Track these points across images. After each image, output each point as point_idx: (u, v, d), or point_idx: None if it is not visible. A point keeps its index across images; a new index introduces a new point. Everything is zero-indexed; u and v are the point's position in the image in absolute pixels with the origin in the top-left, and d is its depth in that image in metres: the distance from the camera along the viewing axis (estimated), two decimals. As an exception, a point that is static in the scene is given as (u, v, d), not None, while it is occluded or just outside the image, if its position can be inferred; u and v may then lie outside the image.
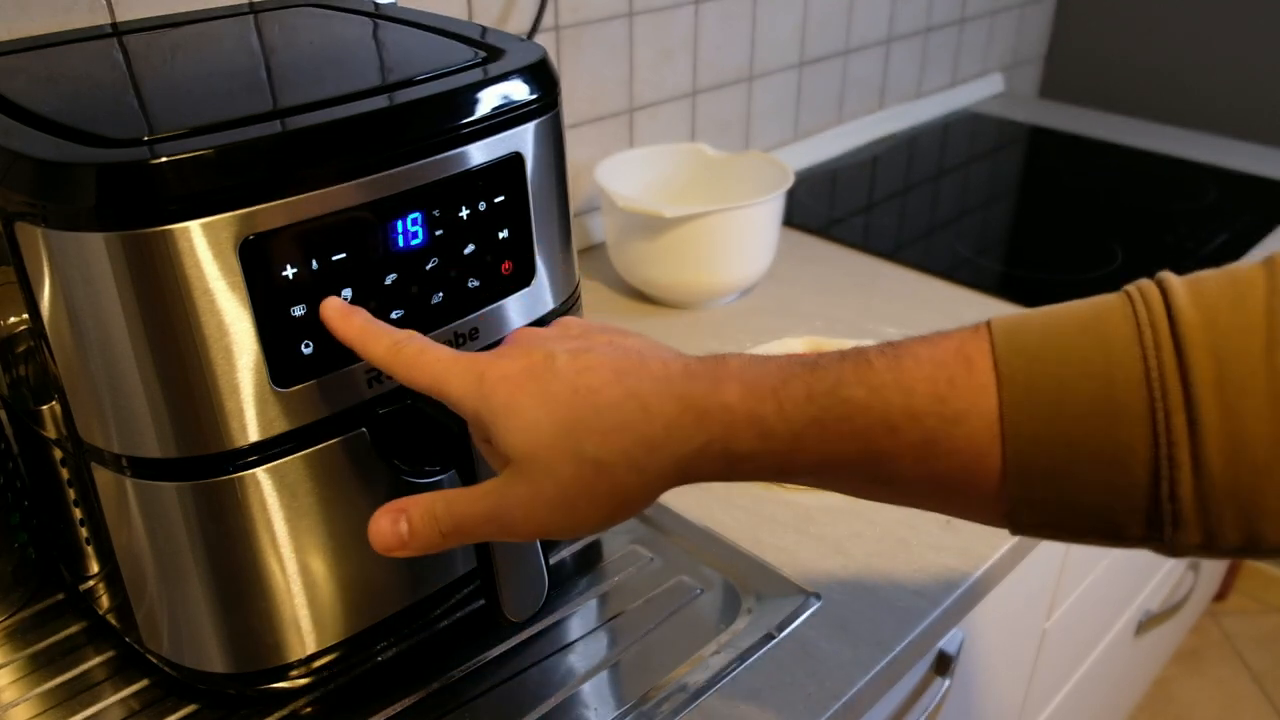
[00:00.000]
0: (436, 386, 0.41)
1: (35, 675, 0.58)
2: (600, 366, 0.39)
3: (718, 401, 0.37)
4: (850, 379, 0.36)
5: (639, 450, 0.37)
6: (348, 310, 0.45)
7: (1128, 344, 0.33)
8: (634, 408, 0.38)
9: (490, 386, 0.39)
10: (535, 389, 0.39)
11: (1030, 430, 0.34)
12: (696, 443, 0.37)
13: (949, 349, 0.36)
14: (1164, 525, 0.33)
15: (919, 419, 0.35)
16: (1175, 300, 0.33)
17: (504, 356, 0.40)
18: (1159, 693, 1.67)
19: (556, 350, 0.40)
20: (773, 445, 0.37)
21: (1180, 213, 1.21)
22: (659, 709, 0.56)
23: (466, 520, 0.40)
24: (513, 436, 0.38)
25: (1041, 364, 0.34)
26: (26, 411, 0.53)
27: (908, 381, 0.35)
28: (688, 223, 0.88)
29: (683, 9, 1.08)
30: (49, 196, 0.41)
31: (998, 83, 1.65)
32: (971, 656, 0.80)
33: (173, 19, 0.62)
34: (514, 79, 0.51)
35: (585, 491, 0.38)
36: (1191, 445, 0.32)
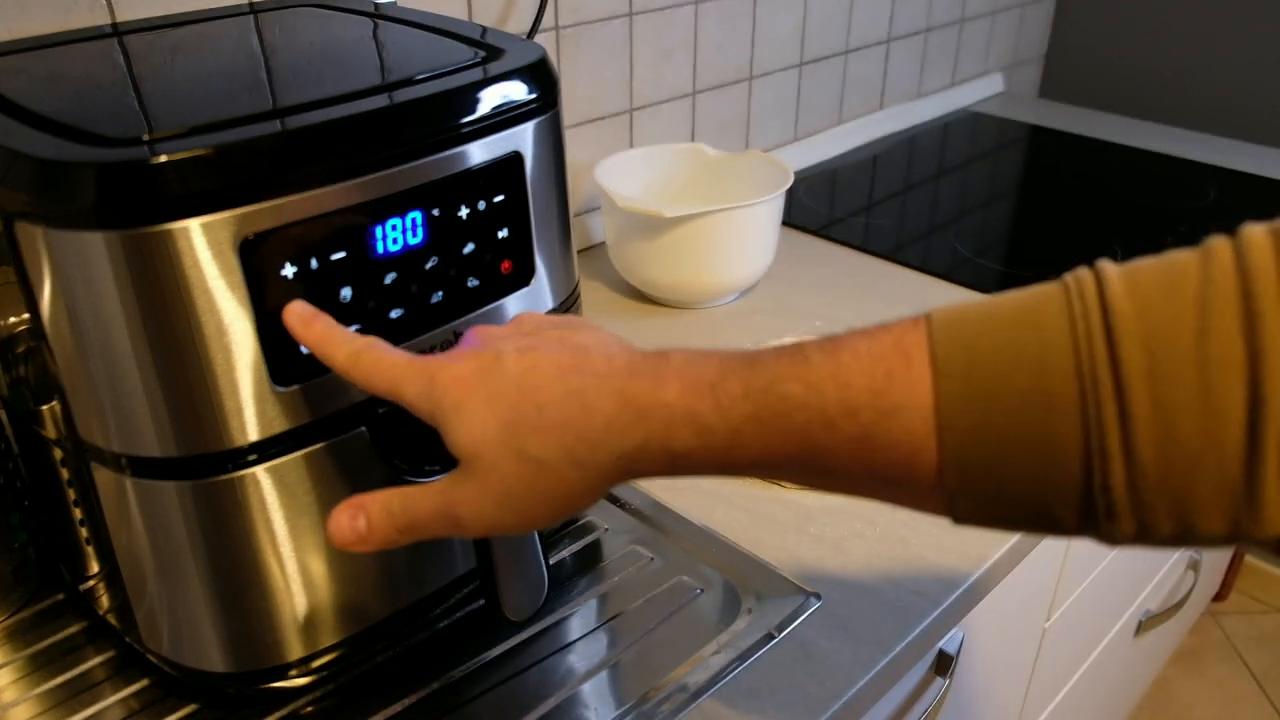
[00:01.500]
0: (393, 391, 0.42)
1: (35, 675, 0.58)
2: (545, 364, 0.40)
3: (657, 399, 0.38)
4: (786, 374, 0.36)
5: (580, 447, 0.38)
6: (309, 316, 0.45)
7: (1061, 335, 0.33)
8: (574, 405, 0.38)
9: (441, 389, 0.40)
10: (482, 389, 0.39)
11: (966, 423, 0.33)
12: (635, 440, 0.38)
13: (887, 342, 0.36)
14: (1098, 516, 0.33)
15: (855, 413, 0.35)
16: (1109, 290, 0.33)
17: (456, 358, 0.41)
18: (1159, 693, 1.67)
19: (505, 349, 0.41)
20: (710, 442, 0.37)
21: (1180, 213, 1.21)
22: (659, 709, 0.56)
23: (419, 516, 0.41)
24: (461, 436, 0.39)
25: (977, 355, 0.34)
26: (26, 411, 0.53)
27: (844, 376, 0.35)
28: (688, 223, 0.88)
29: (683, 9, 1.08)
30: (49, 196, 0.41)
31: (998, 83, 1.65)
32: (971, 656, 0.80)
33: (173, 19, 0.62)
34: (514, 79, 0.51)
35: (528, 489, 0.39)
36: (1122, 436, 0.31)
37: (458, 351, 0.42)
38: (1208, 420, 0.31)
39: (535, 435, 0.38)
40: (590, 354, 0.40)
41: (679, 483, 0.73)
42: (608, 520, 0.70)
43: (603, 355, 0.40)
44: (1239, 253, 0.32)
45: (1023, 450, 0.33)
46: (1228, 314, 0.31)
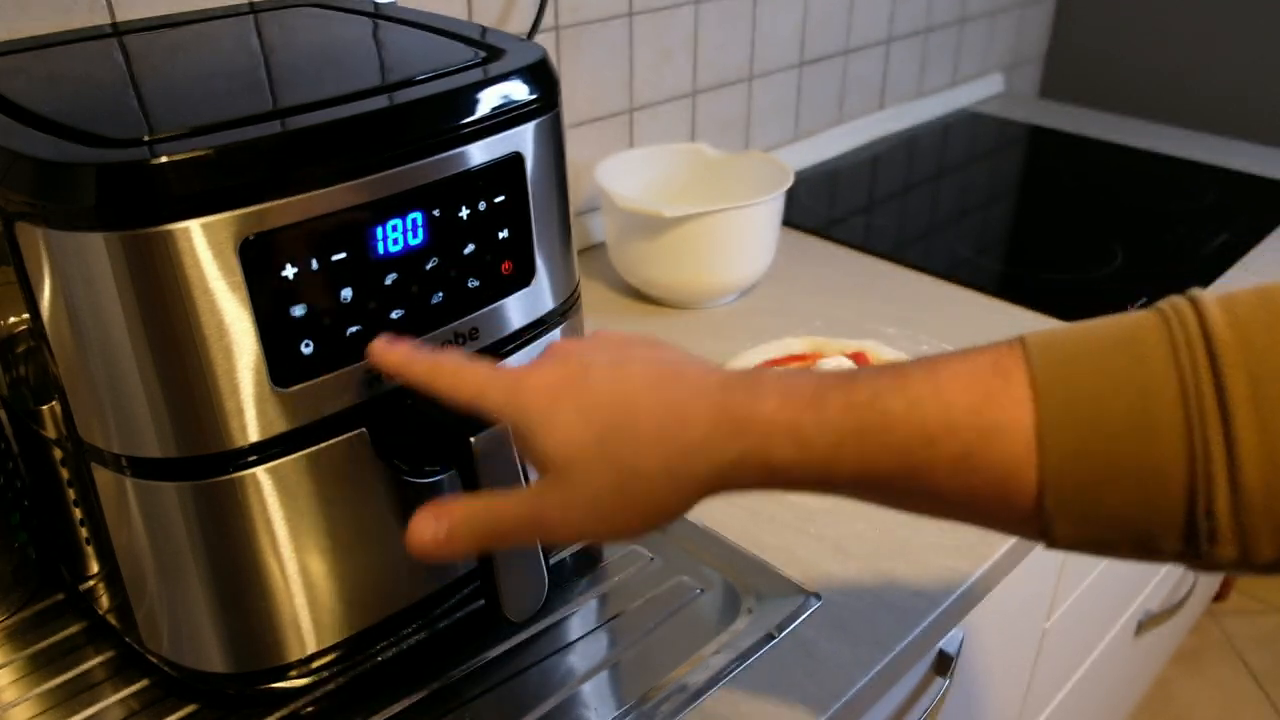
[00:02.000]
0: (476, 401, 0.42)
1: (35, 675, 0.58)
2: (637, 376, 0.40)
3: (756, 411, 0.38)
4: (887, 390, 0.37)
5: (676, 459, 0.38)
6: (389, 345, 0.46)
7: (1164, 362, 0.33)
8: (671, 417, 0.39)
9: (527, 397, 0.41)
10: (572, 398, 0.40)
11: (1068, 445, 0.34)
12: (734, 452, 0.38)
13: (984, 363, 0.36)
14: (1200, 541, 0.33)
15: (956, 432, 0.35)
16: (1209, 319, 0.33)
17: (541, 367, 0.42)
18: (1159, 693, 1.67)
19: (593, 360, 0.41)
20: (811, 455, 0.37)
21: (1180, 213, 1.21)
22: (659, 709, 0.56)
23: (504, 525, 0.42)
24: (551, 444, 0.40)
25: (1078, 379, 0.34)
26: (26, 411, 0.53)
27: (945, 395, 0.36)
28: (688, 223, 0.88)
29: (683, 9, 1.08)
30: (49, 196, 0.41)
31: (998, 83, 1.65)
32: (971, 656, 0.80)
33: (173, 19, 0.62)
34: (514, 79, 0.51)
35: (621, 499, 0.39)
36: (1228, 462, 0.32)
37: (540, 361, 0.43)
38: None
39: (630, 445, 0.39)
40: (682, 368, 0.41)
41: (679, 483, 0.72)
42: (608, 520, 0.70)
43: (695, 370, 0.41)
44: None
45: (1125, 474, 0.33)
46: None
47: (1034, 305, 0.96)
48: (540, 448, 0.40)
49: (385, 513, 0.53)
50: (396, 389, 0.50)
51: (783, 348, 0.87)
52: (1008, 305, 0.97)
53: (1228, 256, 1.09)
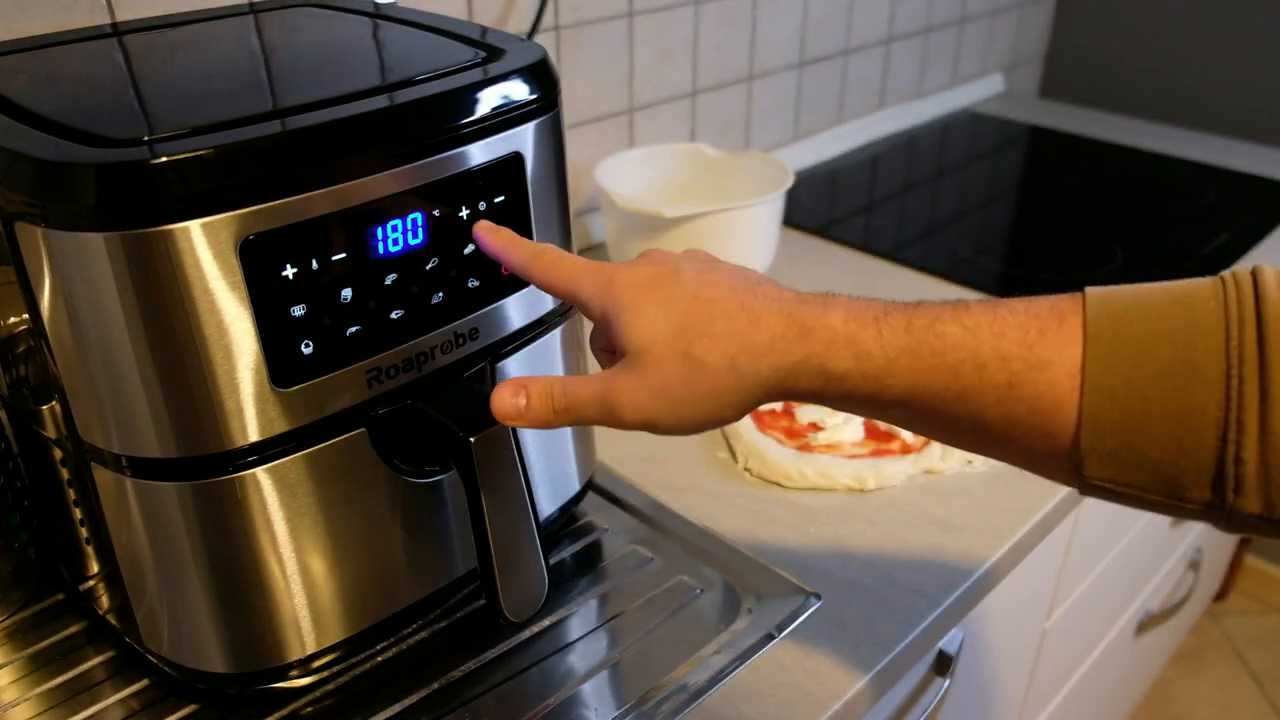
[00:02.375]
0: (570, 289, 0.45)
1: (35, 675, 0.58)
2: (721, 283, 0.43)
3: (822, 322, 0.41)
4: (947, 317, 0.39)
5: (743, 357, 0.41)
6: (495, 228, 0.49)
7: (1212, 316, 0.35)
8: (745, 319, 0.42)
9: (619, 288, 0.44)
10: (659, 293, 0.43)
11: (1109, 383, 0.36)
12: (796, 356, 0.41)
13: (1044, 305, 0.38)
14: (1226, 489, 0.35)
15: (1006, 360, 0.37)
16: (1264, 282, 0.35)
17: (635, 265, 0.45)
18: (1159, 693, 1.67)
19: (684, 266, 0.44)
20: (867, 368, 0.40)
21: (1180, 213, 1.21)
22: (659, 709, 0.56)
23: (577, 400, 0.44)
24: (631, 332, 0.43)
25: (1128, 325, 0.36)
26: (26, 411, 0.53)
27: (1000, 326, 0.38)
28: (688, 223, 0.88)
29: (683, 9, 1.08)
30: (49, 196, 0.41)
31: (998, 83, 1.65)
32: (971, 656, 0.80)
33: (173, 19, 0.62)
34: (514, 79, 0.51)
35: (687, 388, 0.42)
36: (1260, 411, 0.34)
37: (637, 261, 0.46)
38: None
39: (703, 340, 0.42)
40: (763, 283, 0.44)
41: (679, 482, 0.73)
42: (608, 520, 0.70)
43: (773, 285, 0.44)
44: None
45: (1161, 416, 0.35)
46: None
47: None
48: (623, 334, 0.43)
49: (385, 513, 0.53)
50: (397, 389, 0.50)
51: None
52: (1008, 305, 0.97)
53: (1228, 256, 1.09)
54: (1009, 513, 0.71)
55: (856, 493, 0.72)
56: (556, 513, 0.65)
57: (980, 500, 0.72)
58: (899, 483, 0.73)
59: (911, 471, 0.74)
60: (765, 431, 0.76)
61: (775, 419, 0.78)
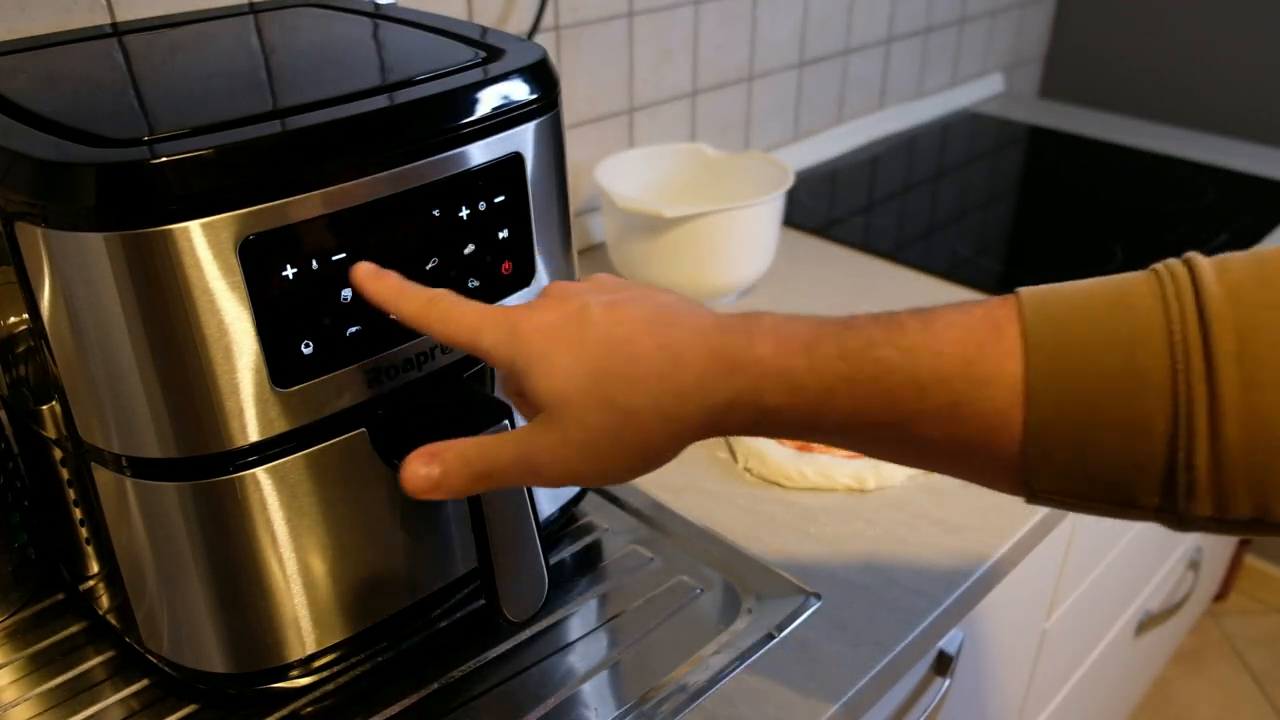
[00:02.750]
0: (471, 340, 0.42)
1: (35, 675, 0.58)
2: (633, 319, 0.40)
3: (750, 354, 0.38)
4: (881, 339, 0.37)
5: (669, 399, 0.39)
6: (379, 272, 0.45)
7: (1153, 316, 0.34)
8: (665, 358, 0.39)
9: (524, 337, 0.41)
10: (569, 338, 0.40)
11: (1053, 395, 0.34)
12: (726, 394, 0.38)
13: (979, 315, 0.37)
14: (1178, 495, 0.34)
15: (947, 381, 0.36)
16: (1201, 276, 0.34)
17: (538, 308, 0.42)
18: (1159, 693, 1.67)
19: (591, 302, 0.41)
20: (802, 400, 0.38)
21: (1180, 213, 1.21)
22: (659, 709, 0.56)
23: (496, 464, 0.42)
24: (545, 384, 0.40)
25: (1068, 332, 0.35)
26: (26, 411, 0.53)
27: (937, 345, 0.36)
28: (688, 223, 0.88)
29: (683, 9, 1.08)
30: (49, 196, 0.41)
31: (998, 83, 1.65)
32: (971, 656, 0.80)
33: (173, 19, 0.62)
34: (514, 79, 0.51)
35: (613, 439, 0.39)
36: (1210, 415, 0.32)
37: (538, 302, 0.42)
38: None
39: (624, 386, 0.39)
40: (678, 311, 0.41)
41: (679, 482, 0.73)
42: (608, 520, 0.70)
43: (690, 313, 0.41)
44: None
45: (1108, 425, 0.34)
46: None
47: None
48: (535, 388, 0.40)
49: (385, 513, 0.53)
50: (397, 389, 0.50)
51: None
52: (1008, 305, 0.96)
53: (1228, 256, 1.09)
54: (1009, 513, 0.71)
55: (856, 493, 0.72)
56: (556, 513, 0.65)
57: (980, 500, 0.72)
58: (899, 483, 0.73)
59: (911, 471, 0.74)
60: (765, 431, 0.76)
61: (775, 419, 0.78)
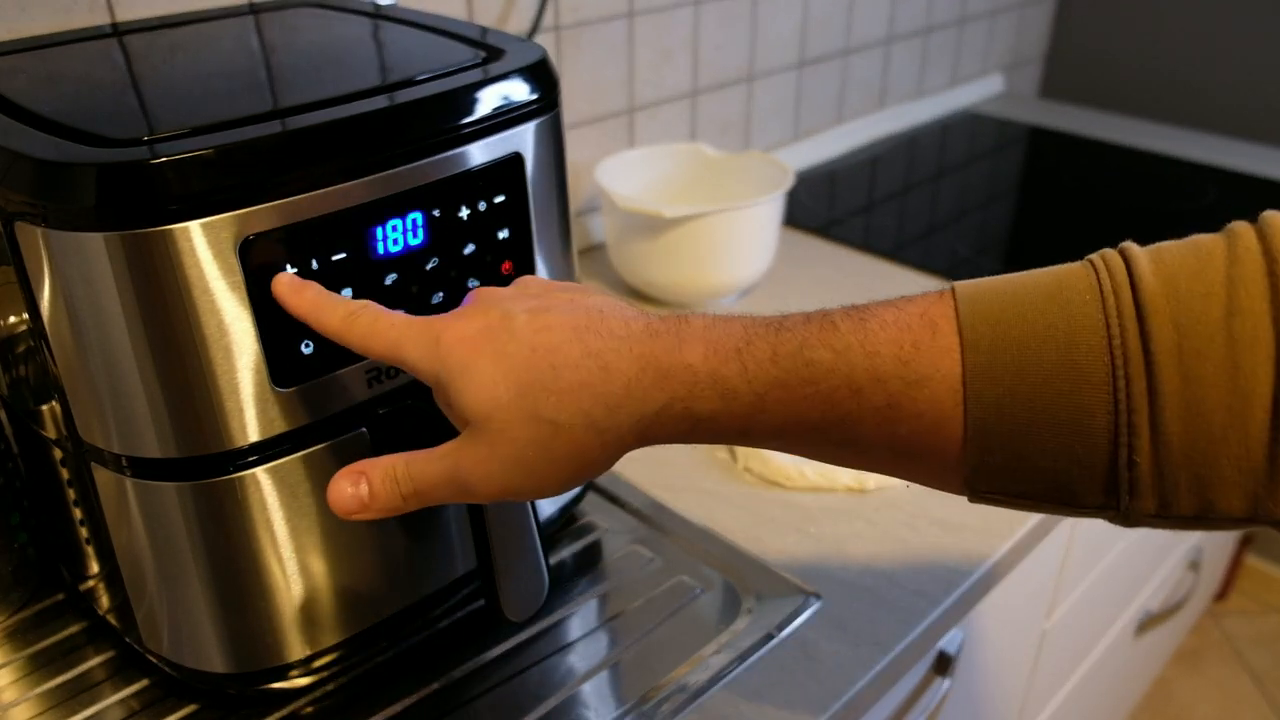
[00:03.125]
0: (393, 353, 0.41)
1: (35, 675, 0.58)
2: (559, 326, 0.39)
3: (680, 361, 0.37)
4: (815, 341, 0.36)
5: (598, 410, 0.37)
6: (299, 284, 0.43)
7: (1090, 311, 0.33)
8: (593, 367, 0.37)
9: (447, 349, 0.39)
10: (492, 349, 0.38)
11: (992, 395, 0.34)
12: (657, 403, 0.37)
13: (914, 313, 0.36)
14: (1120, 492, 0.33)
15: (883, 382, 0.35)
16: (1137, 268, 0.33)
17: (461, 318, 0.40)
18: (1159, 693, 1.67)
19: (514, 309, 0.40)
20: (735, 407, 0.37)
21: (1180, 213, 1.21)
22: (659, 709, 0.56)
23: (425, 481, 0.40)
24: (469, 398, 0.38)
25: (1004, 329, 0.34)
26: (26, 411, 0.53)
27: (872, 345, 0.35)
28: (688, 223, 0.88)
29: (683, 9, 1.08)
30: (49, 196, 0.41)
31: (998, 83, 1.65)
32: (971, 656, 0.80)
33: (173, 19, 0.62)
34: (514, 79, 0.51)
35: (543, 453, 0.38)
36: (1150, 412, 0.32)
37: (462, 311, 0.41)
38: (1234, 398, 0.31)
39: (551, 397, 0.37)
40: (606, 316, 0.39)
41: (679, 482, 0.73)
42: (608, 520, 0.70)
43: (619, 317, 0.39)
44: (1263, 235, 0.33)
45: (1048, 424, 0.33)
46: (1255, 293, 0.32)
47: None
48: (459, 402, 0.39)
49: (385, 513, 0.53)
50: (397, 389, 0.50)
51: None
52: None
53: (1228, 256, 1.09)
54: (1009, 513, 0.70)
55: (856, 493, 0.72)
56: (556, 513, 0.65)
57: (980, 500, 0.72)
58: (899, 482, 0.73)
59: (911, 471, 0.73)
60: (765, 431, 0.76)
61: (775, 419, 0.78)
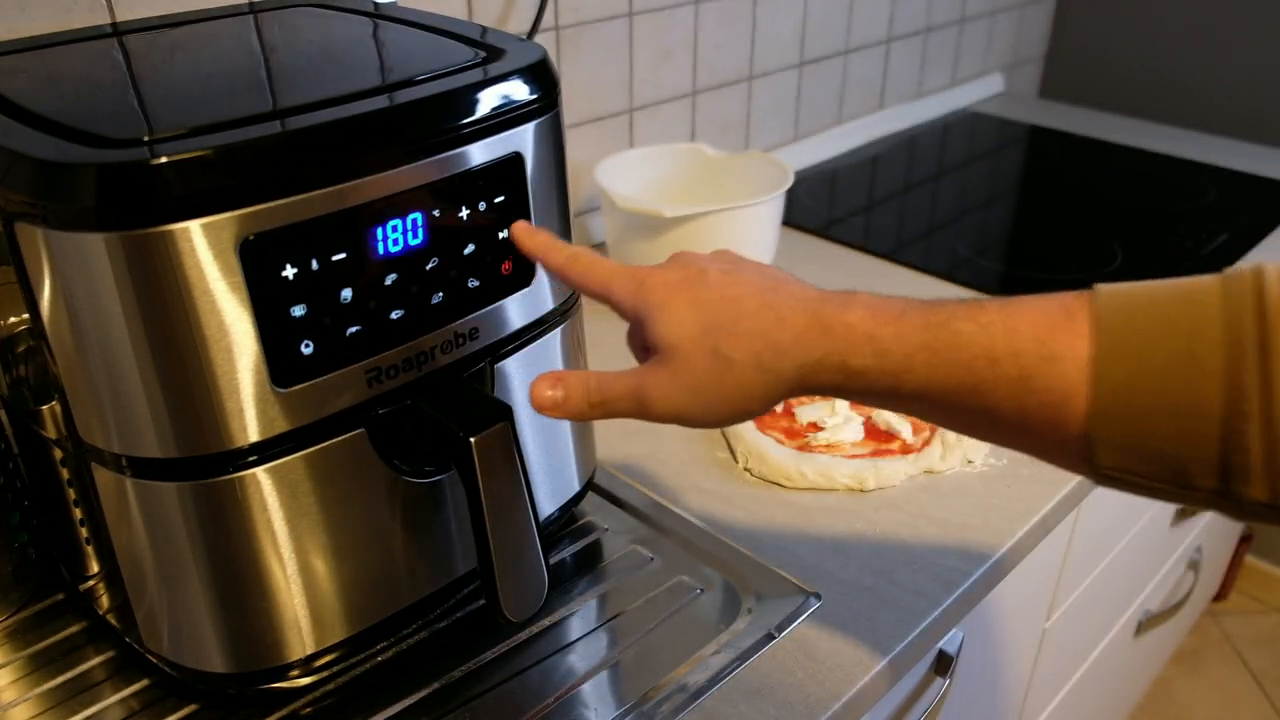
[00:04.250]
0: (603, 290, 0.48)
1: (35, 675, 0.58)
2: (745, 283, 0.46)
3: (842, 320, 0.43)
4: (962, 314, 0.41)
5: (767, 353, 0.44)
6: (532, 229, 0.52)
7: (1215, 310, 0.37)
8: (769, 317, 0.44)
9: (649, 289, 0.47)
10: (687, 293, 0.46)
11: (1117, 375, 0.37)
12: (818, 353, 0.43)
13: (1055, 303, 0.40)
14: (1232, 477, 0.36)
15: (1018, 355, 0.39)
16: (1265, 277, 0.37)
17: (664, 268, 0.48)
18: (1159, 693, 1.67)
19: (710, 267, 0.47)
20: (886, 364, 0.42)
21: (1180, 213, 1.21)
22: (659, 709, 0.56)
23: (612, 393, 0.47)
24: (661, 329, 0.46)
25: (1134, 320, 0.38)
26: (26, 411, 0.53)
27: (1013, 323, 0.40)
28: (688, 223, 0.88)
29: (683, 9, 1.08)
30: (49, 196, 0.41)
31: (998, 83, 1.65)
32: (971, 656, 0.80)
33: (173, 19, 0.62)
34: (514, 79, 0.51)
35: (715, 383, 0.45)
36: (1263, 402, 0.34)
37: (665, 265, 0.48)
38: None
39: (729, 338, 0.44)
40: (787, 282, 0.47)
41: (679, 483, 0.73)
42: (608, 520, 0.70)
43: (797, 284, 0.47)
44: None
45: (1167, 408, 0.36)
46: None
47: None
48: (654, 332, 0.46)
49: (385, 513, 0.53)
50: (397, 389, 0.50)
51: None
52: (1008, 305, 0.96)
53: (1228, 256, 1.09)
54: (1009, 513, 0.71)
55: (856, 493, 0.72)
56: (556, 513, 0.65)
57: (980, 500, 0.72)
58: (899, 483, 0.73)
59: (911, 471, 0.74)
60: (765, 431, 0.76)
61: (775, 419, 0.78)
